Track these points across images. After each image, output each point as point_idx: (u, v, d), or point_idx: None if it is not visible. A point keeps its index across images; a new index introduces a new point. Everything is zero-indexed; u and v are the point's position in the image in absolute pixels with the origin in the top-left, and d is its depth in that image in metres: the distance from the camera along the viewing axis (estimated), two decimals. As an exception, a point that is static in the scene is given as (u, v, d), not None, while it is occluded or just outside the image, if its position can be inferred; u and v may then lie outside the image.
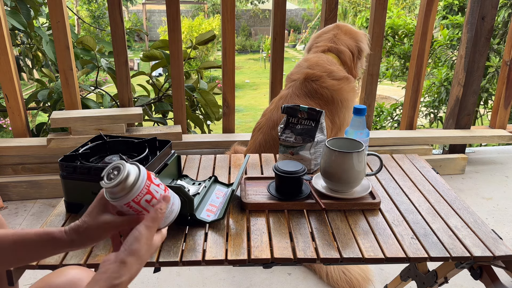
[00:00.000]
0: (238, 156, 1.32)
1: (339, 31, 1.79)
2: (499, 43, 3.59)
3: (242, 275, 1.59)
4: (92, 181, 0.93)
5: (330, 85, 1.64)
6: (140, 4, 16.66)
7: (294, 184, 1.01)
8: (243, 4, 17.37)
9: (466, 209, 1.02)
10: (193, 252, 0.84)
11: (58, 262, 0.81)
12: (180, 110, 2.24)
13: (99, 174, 0.92)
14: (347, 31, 1.80)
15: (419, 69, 2.35)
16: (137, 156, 1.00)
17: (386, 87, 8.00)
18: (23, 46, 2.72)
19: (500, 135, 2.51)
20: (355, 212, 1.00)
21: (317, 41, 1.82)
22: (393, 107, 4.16)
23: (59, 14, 1.95)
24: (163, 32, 13.22)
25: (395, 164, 1.27)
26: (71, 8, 11.80)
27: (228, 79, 2.23)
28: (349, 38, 1.78)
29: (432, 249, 0.86)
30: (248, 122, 7.54)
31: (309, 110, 1.16)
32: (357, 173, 0.98)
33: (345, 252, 0.85)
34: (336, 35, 1.78)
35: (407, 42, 4.13)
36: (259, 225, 0.94)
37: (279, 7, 2.10)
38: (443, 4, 3.98)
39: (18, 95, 2.06)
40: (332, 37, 1.78)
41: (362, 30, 1.88)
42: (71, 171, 0.94)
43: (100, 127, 2.05)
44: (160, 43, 2.41)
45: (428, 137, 2.40)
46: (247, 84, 11.02)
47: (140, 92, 2.79)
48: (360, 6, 12.20)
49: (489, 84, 3.51)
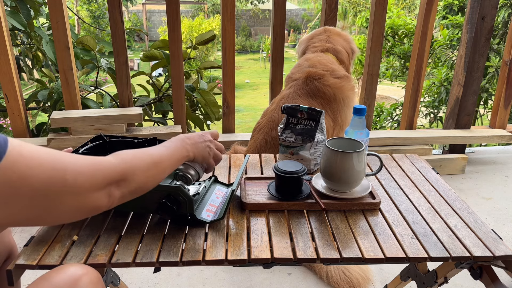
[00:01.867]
0: (238, 156, 1.32)
1: (331, 33, 1.85)
2: (499, 43, 3.59)
3: (242, 275, 1.59)
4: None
5: (332, 83, 1.64)
6: (140, 4, 16.66)
7: (294, 184, 1.01)
8: (243, 4, 17.38)
9: (466, 209, 1.02)
10: (193, 252, 0.84)
11: (58, 261, 0.81)
12: (180, 110, 2.24)
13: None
14: (336, 33, 1.86)
15: (419, 69, 2.35)
16: (137, 156, 1.00)
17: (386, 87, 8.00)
18: (23, 46, 2.72)
19: (500, 135, 2.51)
20: (355, 212, 1.00)
21: (311, 42, 1.85)
22: (393, 107, 4.17)
23: (59, 14, 1.95)
24: (163, 32, 13.23)
25: (395, 164, 1.27)
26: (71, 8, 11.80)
27: (228, 79, 2.23)
28: (342, 40, 1.84)
29: (432, 249, 0.86)
30: (248, 122, 7.54)
31: (309, 110, 1.17)
32: (357, 173, 0.98)
33: (345, 252, 0.85)
34: (330, 36, 1.83)
35: (407, 42, 4.14)
36: (259, 225, 0.94)
37: (279, 7, 2.10)
38: (443, 4, 3.98)
39: (18, 95, 2.06)
40: (327, 38, 1.83)
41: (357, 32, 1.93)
42: (71, 171, 0.94)
43: (100, 127, 2.05)
44: (160, 43, 2.41)
45: (428, 137, 2.40)
46: (247, 84, 11.02)
47: (140, 92, 2.79)
48: (360, 6, 12.20)
49: (489, 84, 3.51)
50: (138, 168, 0.70)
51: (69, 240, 0.87)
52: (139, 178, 0.70)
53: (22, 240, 1.71)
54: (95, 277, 0.75)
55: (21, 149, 0.52)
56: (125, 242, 0.87)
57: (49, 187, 0.55)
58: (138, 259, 0.82)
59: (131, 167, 0.68)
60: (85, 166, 0.60)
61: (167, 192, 0.88)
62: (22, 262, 0.81)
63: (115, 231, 0.91)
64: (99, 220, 0.95)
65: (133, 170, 0.69)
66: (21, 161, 0.52)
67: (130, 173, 0.68)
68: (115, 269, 1.25)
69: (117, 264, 0.82)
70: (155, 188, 0.86)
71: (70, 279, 0.71)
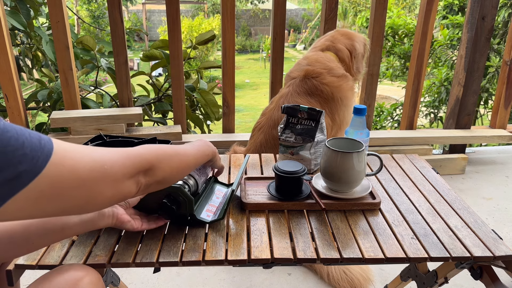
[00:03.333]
0: (238, 156, 1.32)
1: (337, 33, 1.85)
2: (499, 43, 3.59)
3: (242, 275, 1.59)
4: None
5: (330, 82, 1.64)
6: (140, 4, 16.67)
7: (294, 184, 1.01)
8: (243, 4, 17.38)
9: (466, 209, 1.02)
10: (193, 252, 0.84)
11: (58, 262, 0.81)
12: (180, 110, 2.24)
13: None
14: (344, 33, 1.85)
15: (419, 69, 2.35)
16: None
17: (386, 87, 8.00)
18: (23, 46, 2.72)
19: (500, 135, 2.51)
20: (355, 212, 1.00)
21: (316, 44, 1.86)
22: (393, 107, 4.17)
23: (59, 14, 1.95)
24: (163, 32, 13.23)
25: (395, 164, 1.27)
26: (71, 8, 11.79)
27: (228, 79, 2.22)
28: (346, 39, 1.82)
29: (432, 249, 0.86)
30: (248, 122, 7.54)
31: (309, 110, 1.16)
32: (357, 173, 0.98)
33: (345, 252, 0.85)
34: (333, 36, 1.83)
35: (407, 42, 4.14)
36: (259, 225, 0.94)
37: (279, 7, 2.10)
38: (443, 4, 3.98)
39: (18, 95, 2.06)
40: (330, 38, 1.83)
41: (362, 34, 1.90)
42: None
43: (100, 127, 2.05)
44: (160, 43, 2.41)
45: (428, 137, 2.40)
46: (247, 84, 11.03)
47: (140, 92, 2.79)
48: (360, 6, 12.21)
49: (489, 84, 3.51)
50: (164, 159, 0.73)
51: (69, 240, 0.87)
52: (165, 168, 0.73)
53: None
54: (95, 278, 0.75)
55: (64, 145, 0.57)
56: (125, 242, 0.87)
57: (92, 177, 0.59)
58: (138, 259, 0.82)
59: (157, 157, 0.72)
60: (118, 155, 0.64)
61: (167, 192, 0.88)
62: (22, 262, 0.81)
63: (115, 231, 0.91)
64: (99, 220, 0.94)
65: (159, 160, 0.72)
66: (67, 155, 0.57)
67: (157, 162, 0.71)
68: (115, 269, 1.25)
69: (117, 264, 0.82)
70: None
71: (71, 281, 0.71)
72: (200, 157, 0.87)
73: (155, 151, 0.72)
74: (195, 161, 0.84)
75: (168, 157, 0.75)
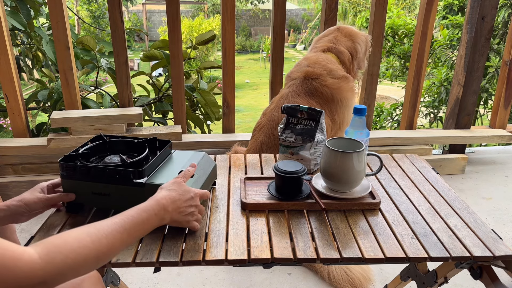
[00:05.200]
0: (238, 156, 1.32)
1: (339, 33, 1.82)
2: (499, 43, 3.59)
3: (242, 275, 1.59)
4: (92, 181, 0.93)
5: (329, 83, 1.64)
6: (140, 4, 16.66)
7: (294, 184, 1.01)
8: (243, 4, 17.37)
9: (466, 209, 1.02)
10: (193, 252, 0.84)
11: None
12: (180, 110, 2.24)
13: (99, 174, 0.92)
14: (347, 33, 1.82)
15: (419, 69, 2.35)
16: (137, 156, 1.00)
17: (386, 87, 7.99)
18: (23, 46, 2.72)
19: (500, 135, 2.51)
20: (355, 212, 1.00)
21: (317, 43, 1.84)
22: (393, 107, 4.16)
23: (59, 14, 1.95)
24: (163, 32, 13.23)
25: (395, 164, 1.27)
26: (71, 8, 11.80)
27: (228, 79, 2.23)
28: (348, 40, 1.80)
29: (432, 249, 0.86)
30: (248, 122, 7.54)
31: (309, 110, 1.17)
32: (357, 173, 0.98)
33: (345, 252, 0.85)
34: (336, 37, 1.81)
35: (407, 42, 4.13)
36: (259, 225, 0.94)
37: (279, 7, 2.10)
38: (443, 4, 3.98)
39: (18, 95, 2.06)
40: (332, 39, 1.81)
41: (364, 32, 1.88)
42: (71, 171, 0.94)
43: (100, 127, 2.05)
44: (160, 43, 2.41)
45: (428, 137, 2.40)
46: (247, 84, 11.02)
47: (140, 92, 2.79)
48: (360, 6, 12.20)
49: (489, 84, 3.51)
50: (68, 259, 0.61)
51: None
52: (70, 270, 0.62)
53: (22, 240, 1.71)
54: (96, 278, 0.75)
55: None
56: (125, 242, 0.87)
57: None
58: (138, 259, 0.82)
59: (57, 267, 0.60)
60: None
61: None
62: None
63: (115, 231, 0.90)
64: (99, 219, 0.95)
65: (60, 270, 0.60)
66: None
67: (54, 274, 0.60)
68: (115, 269, 1.25)
69: (117, 264, 0.82)
70: (154, 188, 0.86)
71: (71, 282, 0.71)
72: (138, 232, 0.73)
73: (57, 257, 0.60)
74: (128, 237, 0.71)
75: (78, 255, 0.63)
